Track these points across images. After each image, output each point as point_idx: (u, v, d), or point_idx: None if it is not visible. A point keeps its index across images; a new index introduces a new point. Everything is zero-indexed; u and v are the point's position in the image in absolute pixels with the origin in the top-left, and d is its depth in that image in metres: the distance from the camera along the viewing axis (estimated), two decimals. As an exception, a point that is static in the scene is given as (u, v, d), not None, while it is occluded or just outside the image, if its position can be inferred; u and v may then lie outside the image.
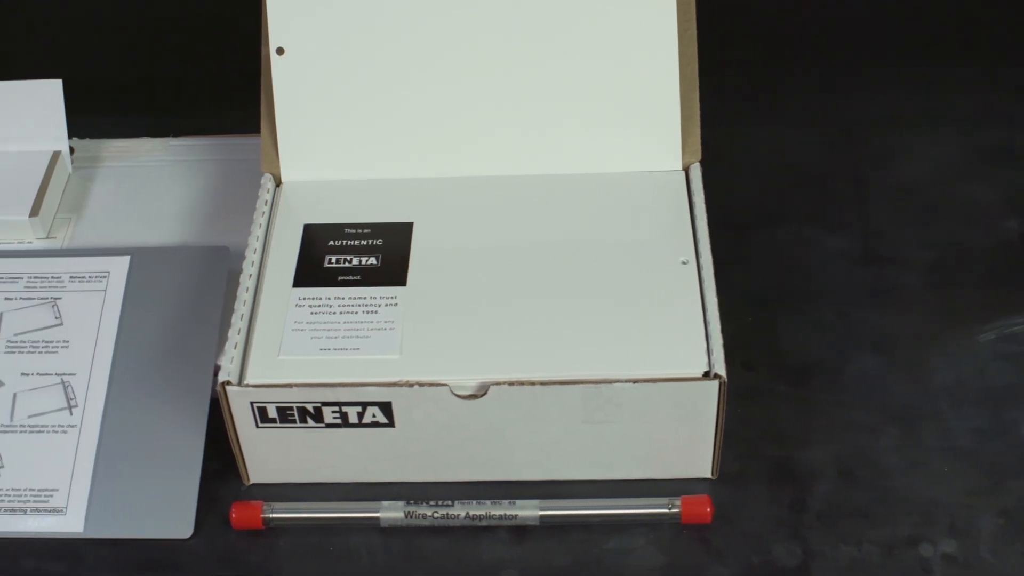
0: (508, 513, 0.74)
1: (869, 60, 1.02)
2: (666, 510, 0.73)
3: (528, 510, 0.74)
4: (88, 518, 0.75)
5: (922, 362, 0.81)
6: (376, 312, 0.75)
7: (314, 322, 0.75)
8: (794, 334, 0.83)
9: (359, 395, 0.72)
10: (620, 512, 0.74)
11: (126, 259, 0.83)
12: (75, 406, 0.78)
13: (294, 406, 0.73)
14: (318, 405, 0.73)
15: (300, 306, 0.76)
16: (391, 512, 0.74)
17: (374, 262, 0.78)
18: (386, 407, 0.72)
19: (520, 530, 0.74)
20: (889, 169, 0.94)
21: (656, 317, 0.74)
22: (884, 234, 0.89)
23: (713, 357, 0.72)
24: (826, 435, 0.78)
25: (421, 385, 0.72)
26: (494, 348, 0.73)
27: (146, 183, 0.90)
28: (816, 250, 0.88)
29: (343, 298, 0.76)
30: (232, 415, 0.73)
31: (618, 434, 0.73)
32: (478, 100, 0.82)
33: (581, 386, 0.71)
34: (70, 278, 0.83)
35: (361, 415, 0.73)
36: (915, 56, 1.02)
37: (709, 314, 0.74)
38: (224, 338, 0.79)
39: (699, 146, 0.82)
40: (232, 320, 0.75)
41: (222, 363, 0.73)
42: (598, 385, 0.71)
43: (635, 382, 0.71)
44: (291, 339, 0.74)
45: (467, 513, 0.74)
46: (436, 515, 0.74)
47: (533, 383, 0.71)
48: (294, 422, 0.73)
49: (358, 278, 0.77)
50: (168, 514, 0.75)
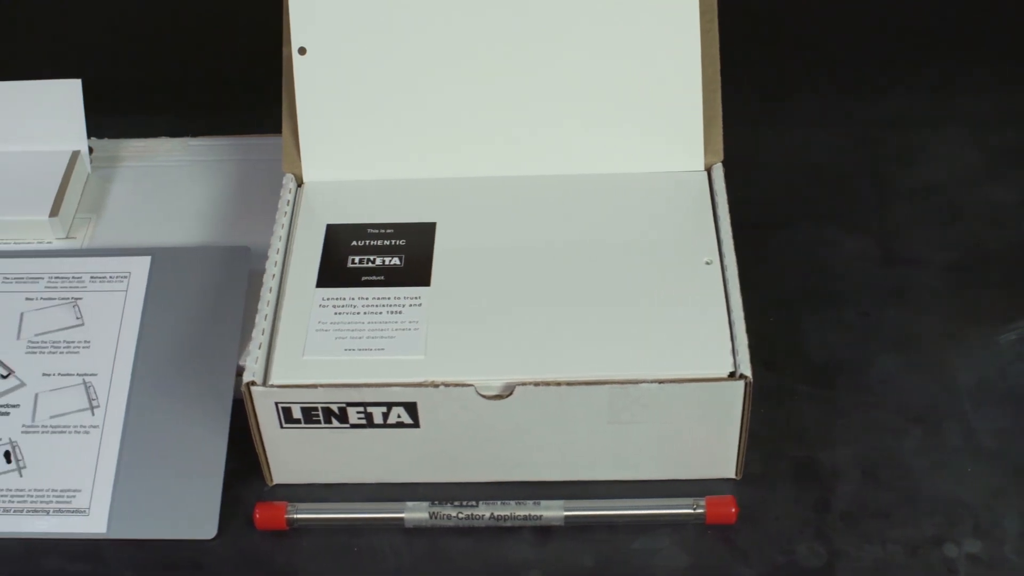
0: (533, 514, 0.74)
1: (887, 61, 1.02)
2: (691, 510, 0.73)
3: (553, 511, 0.74)
4: (111, 518, 0.75)
5: (944, 362, 0.81)
6: (400, 312, 0.75)
7: (338, 322, 0.75)
8: (816, 334, 0.83)
9: (384, 395, 0.72)
10: (645, 513, 0.74)
11: (147, 259, 0.83)
12: (97, 406, 0.78)
13: (319, 406, 0.73)
14: (343, 405, 0.72)
15: (324, 306, 0.76)
16: (416, 513, 0.74)
17: (397, 262, 0.78)
18: (411, 407, 0.72)
19: (545, 531, 0.74)
20: (908, 170, 0.94)
21: (681, 317, 0.74)
22: (904, 234, 0.89)
23: (738, 357, 0.72)
24: (849, 435, 0.78)
25: (447, 385, 0.72)
26: (519, 348, 0.73)
27: (165, 183, 0.90)
28: (836, 250, 0.88)
29: (367, 298, 0.76)
30: (256, 415, 0.73)
31: (643, 434, 0.73)
32: (500, 100, 0.82)
33: (607, 386, 0.71)
34: (91, 278, 0.82)
35: (386, 415, 0.73)
36: (933, 57, 1.02)
37: (734, 314, 0.74)
38: (246, 338, 0.79)
39: (721, 146, 0.82)
40: (256, 320, 0.75)
41: (246, 363, 0.73)
42: (624, 386, 0.71)
43: (661, 383, 0.71)
44: (315, 339, 0.74)
45: (492, 513, 0.74)
46: (461, 516, 0.74)
47: (559, 383, 0.71)
48: (319, 422, 0.73)
49: (382, 278, 0.77)
50: (192, 515, 0.74)
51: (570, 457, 0.75)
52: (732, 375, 0.71)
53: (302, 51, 0.82)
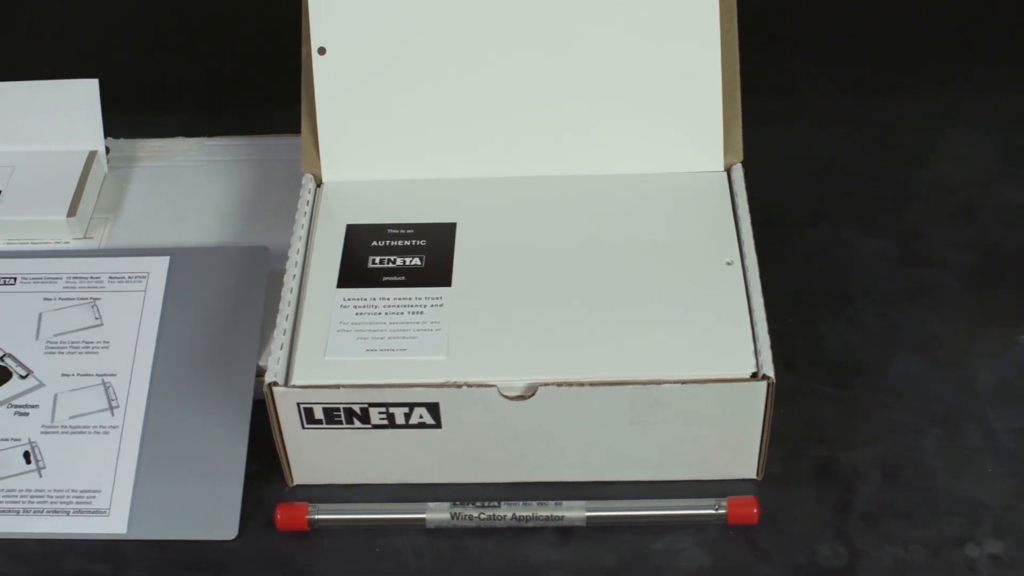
0: (554, 514, 0.73)
1: (903, 61, 1.02)
2: (712, 511, 0.73)
3: (575, 511, 0.74)
4: (131, 519, 0.74)
5: (963, 363, 0.81)
6: (422, 313, 0.75)
7: (359, 323, 0.75)
8: (834, 335, 0.83)
9: (407, 396, 0.72)
10: (667, 513, 0.74)
11: (166, 259, 0.83)
12: (116, 407, 0.78)
13: (341, 407, 0.72)
14: (365, 406, 0.72)
15: (345, 307, 0.76)
16: (437, 513, 0.74)
17: (418, 263, 0.78)
18: (434, 408, 0.72)
19: (566, 531, 0.74)
20: (926, 170, 0.94)
21: (702, 318, 0.74)
22: (922, 235, 0.89)
23: (761, 358, 0.72)
24: (869, 436, 0.78)
25: (469, 386, 0.71)
26: (541, 349, 0.73)
27: (182, 183, 0.90)
28: (855, 251, 0.88)
29: (388, 299, 0.76)
30: (278, 416, 0.73)
31: (664, 435, 0.73)
32: (520, 100, 0.82)
33: (630, 387, 0.71)
34: (109, 278, 0.82)
35: (408, 416, 0.73)
36: (948, 57, 1.02)
37: (756, 315, 0.74)
38: (266, 339, 0.79)
39: (740, 147, 0.82)
40: (277, 320, 0.75)
41: (268, 364, 0.73)
42: (647, 386, 0.71)
43: (683, 383, 0.71)
44: (337, 340, 0.74)
45: (513, 514, 0.73)
46: (482, 516, 0.73)
47: (582, 384, 0.71)
48: (340, 423, 0.73)
49: (402, 279, 0.77)
50: (212, 515, 0.74)
51: (592, 457, 0.75)
52: (754, 376, 0.72)
53: (322, 51, 0.82)
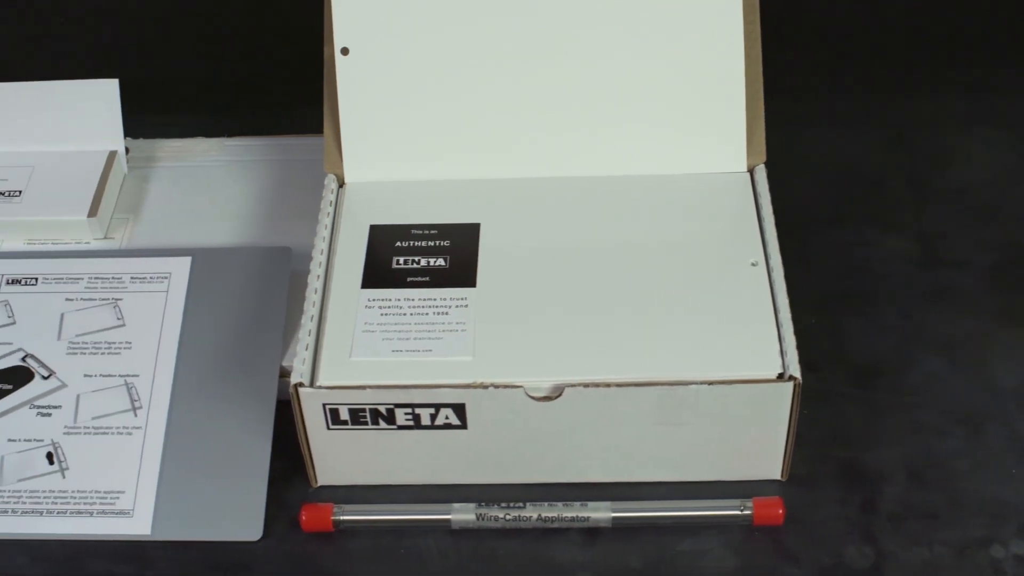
0: (580, 515, 0.73)
1: (921, 61, 1.02)
2: (738, 512, 0.73)
3: (600, 512, 0.73)
4: (155, 520, 0.74)
5: (986, 364, 0.81)
6: (447, 313, 0.75)
7: (385, 323, 0.75)
8: (857, 335, 0.83)
9: (433, 397, 0.72)
10: (692, 514, 0.74)
11: (187, 260, 0.83)
12: (139, 407, 0.77)
13: (367, 408, 0.72)
14: (391, 407, 0.72)
15: (370, 307, 0.76)
16: (462, 514, 0.74)
17: (442, 263, 0.78)
18: (459, 409, 0.72)
19: (592, 532, 0.74)
20: (946, 171, 0.94)
21: (728, 319, 0.74)
22: (943, 236, 0.89)
23: (787, 359, 0.72)
24: (893, 436, 0.78)
25: (496, 387, 0.71)
26: (567, 350, 0.73)
27: (202, 183, 0.90)
28: (876, 251, 0.88)
29: (413, 299, 0.76)
30: (303, 417, 0.73)
31: (690, 436, 0.73)
32: (544, 101, 0.82)
33: (656, 388, 0.71)
34: (131, 279, 0.82)
35: (434, 417, 0.72)
36: (967, 57, 1.02)
37: (781, 316, 0.74)
38: (289, 339, 0.79)
39: (763, 147, 0.82)
40: (302, 321, 0.75)
41: (294, 365, 0.73)
42: (673, 387, 0.71)
43: (710, 384, 0.71)
44: (362, 340, 0.74)
45: (539, 515, 0.73)
46: (508, 517, 0.73)
47: (608, 385, 0.71)
48: (366, 424, 0.73)
49: (427, 279, 0.77)
50: (237, 516, 0.74)
51: (617, 458, 0.75)
52: (781, 376, 0.72)
53: (345, 52, 0.82)
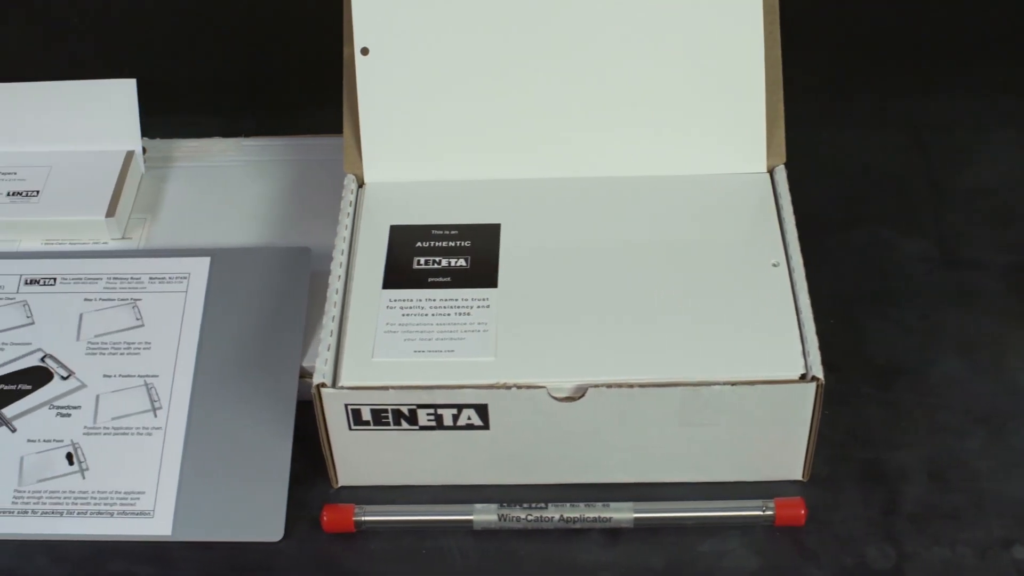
0: (602, 515, 0.73)
1: (940, 62, 1.02)
2: (760, 512, 0.73)
3: (622, 512, 0.73)
4: (176, 521, 0.74)
5: (1006, 364, 0.81)
6: (469, 314, 0.75)
7: (406, 324, 0.75)
8: (877, 336, 0.83)
9: (455, 397, 0.72)
10: (714, 515, 0.74)
11: (207, 260, 0.83)
12: (159, 408, 0.77)
13: (389, 408, 0.72)
14: (413, 407, 0.72)
15: (391, 308, 0.76)
16: (484, 515, 0.74)
17: (463, 264, 0.78)
18: (482, 409, 0.72)
19: (614, 532, 0.74)
20: (962, 172, 0.94)
21: (750, 319, 0.74)
22: (962, 237, 0.89)
23: (810, 359, 0.72)
24: (914, 437, 0.78)
25: (519, 387, 0.71)
26: (590, 350, 0.73)
27: (220, 183, 0.90)
28: (895, 252, 0.88)
29: (434, 300, 0.76)
30: (325, 417, 0.73)
31: (712, 436, 0.73)
32: (564, 101, 0.82)
33: (679, 388, 0.71)
34: (150, 279, 0.82)
35: (456, 417, 0.72)
36: (985, 58, 1.02)
37: (803, 316, 0.74)
38: (309, 340, 0.79)
39: (783, 148, 0.82)
40: (323, 322, 0.75)
41: (316, 365, 0.73)
42: (697, 388, 0.71)
43: (733, 384, 0.71)
44: (384, 341, 0.74)
45: (561, 515, 0.73)
46: (529, 517, 0.73)
47: (631, 385, 0.71)
48: (388, 424, 0.73)
49: (448, 280, 0.77)
50: (258, 517, 0.74)
51: (639, 459, 0.74)
52: (803, 377, 0.71)
53: (364, 51, 0.81)
